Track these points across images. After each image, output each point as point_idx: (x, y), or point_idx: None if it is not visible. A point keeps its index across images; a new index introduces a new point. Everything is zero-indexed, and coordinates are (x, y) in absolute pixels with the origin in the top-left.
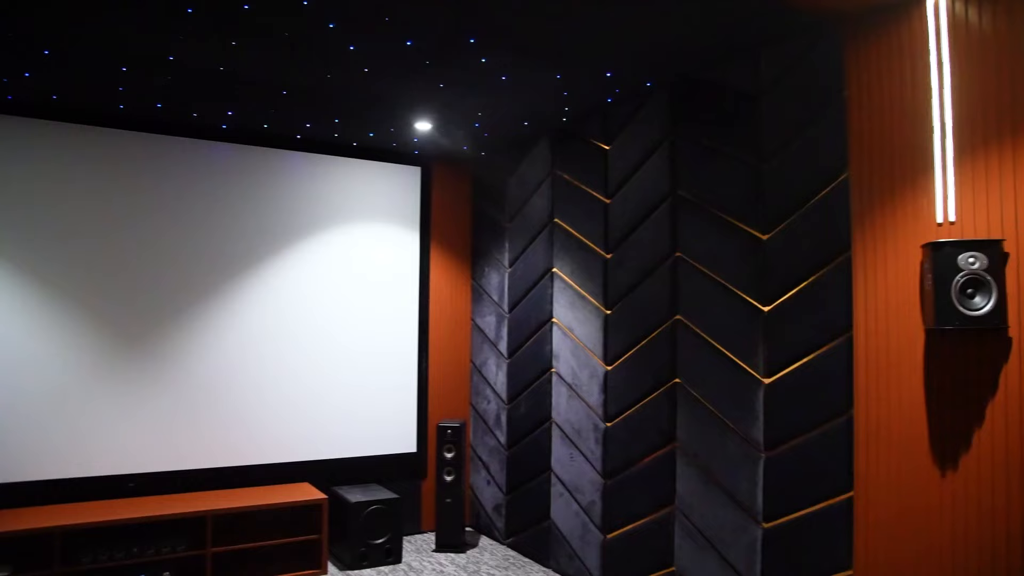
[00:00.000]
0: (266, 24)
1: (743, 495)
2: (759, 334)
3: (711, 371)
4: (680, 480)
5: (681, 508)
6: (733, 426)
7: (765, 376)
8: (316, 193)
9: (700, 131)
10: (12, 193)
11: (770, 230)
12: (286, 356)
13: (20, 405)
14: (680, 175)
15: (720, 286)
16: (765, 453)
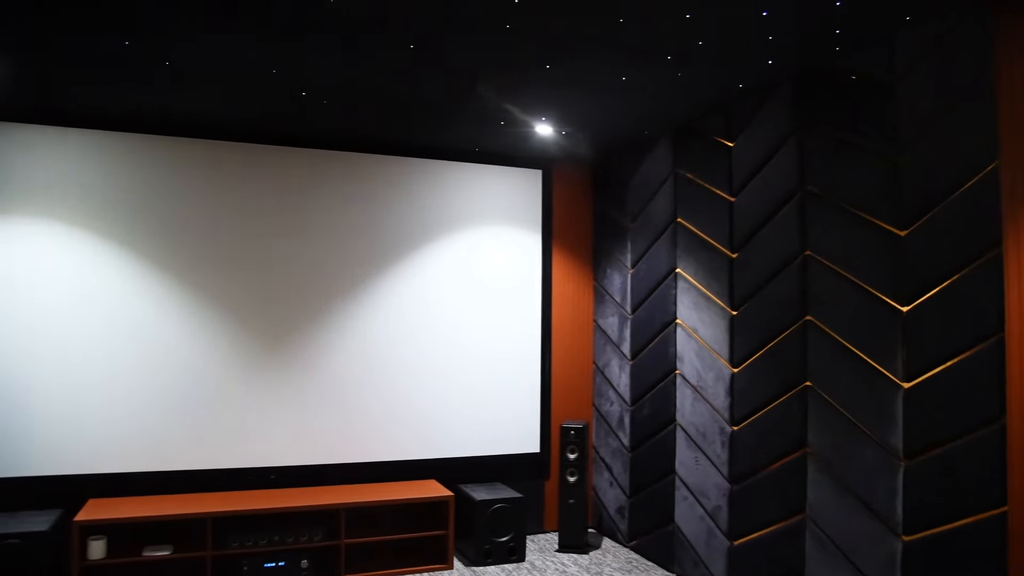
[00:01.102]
0: (389, 36)
1: (880, 505)
2: (897, 335)
3: (845, 374)
4: (811, 487)
5: (812, 516)
6: (869, 432)
7: (904, 380)
8: (439, 199)
9: (830, 123)
10: (167, 207)
11: (909, 225)
12: (413, 357)
13: (180, 403)
14: (809, 170)
15: (854, 285)
16: (905, 462)
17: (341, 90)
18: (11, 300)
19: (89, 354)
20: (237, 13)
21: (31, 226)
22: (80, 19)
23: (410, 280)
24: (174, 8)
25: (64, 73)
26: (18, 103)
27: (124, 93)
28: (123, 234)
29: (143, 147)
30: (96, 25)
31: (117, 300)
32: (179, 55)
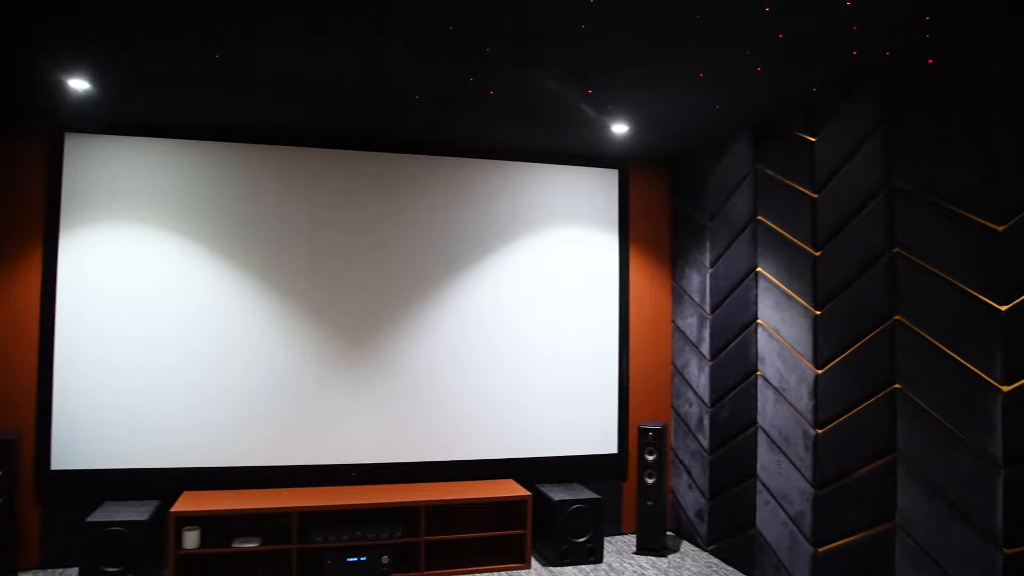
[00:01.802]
0: (465, 40)
1: (978, 515)
2: (995, 336)
3: (937, 376)
4: (902, 494)
5: (903, 524)
6: (964, 438)
7: (1003, 383)
8: (515, 200)
9: (919, 115)
10: (253, 213)
11: (1007, 220)
12: (491, 357)
13: (268, 403)
14: (897, 164)
15: (947, 283)
16: (1005, 469)
17: (415, 94)
18: (110, 304)
19: (184, 356)
20: (314, 26)
21: (124, 232)
22: (165, 35)
23: (487, 281)
24: (254, 21)
25: (147, 87)
26: (104, 116)
27: (207, 103)
28: (215, 240)
29: (228, 154)
30: (180, 41)
31: (209, 304)
32: (259, 67)
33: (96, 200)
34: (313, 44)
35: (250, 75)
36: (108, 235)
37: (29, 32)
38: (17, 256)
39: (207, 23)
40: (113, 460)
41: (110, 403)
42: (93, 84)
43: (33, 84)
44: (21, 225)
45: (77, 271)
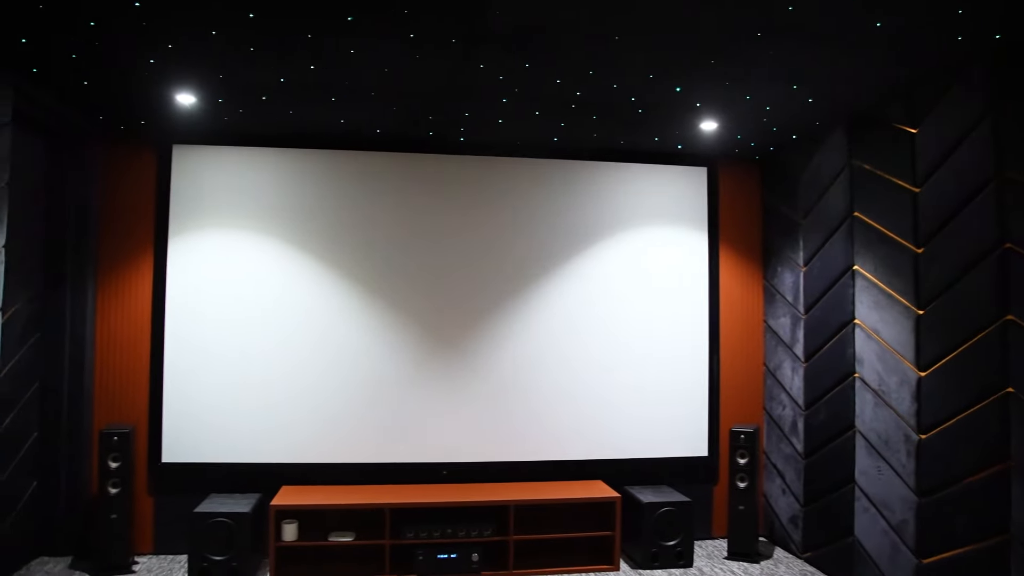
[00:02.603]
0: (551, 43)
1: None
2: None
3: None
4: (1017, 505)
5: (1020, 537)
6: None
7: None
8: (603, 200)
9: None
10: (360, 217)
11: None
12: (580, 358)
13: (362, 402)
14: (1007, 155)
15: None
16: None
17: (505, 97)
18: (214, 306)
19: (284, 357)
20: (403, 34)
21: (227, 238)
22: (265, 50)
23: (576, 282)
24: (347, 33)
25: (248, 99)
26: (208, 128)
27: (302, 112)
28: (314, 244)
29: (324, 161)
30: (279, 55)
31: (307, 306)
32: (352, 75)
33: (201, 207)
34: (402, 52)
35: (343, 84)
36: (212, 240)
37: (142, 53)
38: (132, 261)
39: (304, 37)
40: (218, 454)
41: (214, 400)
42: (199, 98)
43: (146, 101)
44: (135, 232)
45: (184, 275)
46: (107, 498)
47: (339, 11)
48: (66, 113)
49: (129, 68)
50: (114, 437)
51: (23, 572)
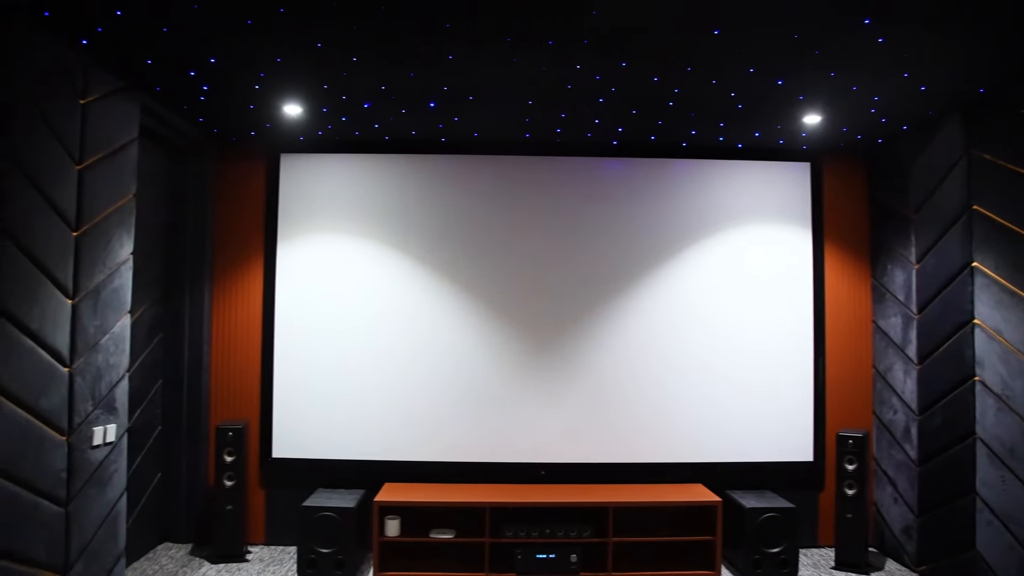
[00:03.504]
0: (652, 41)
1: None
2: None
3: None
4: None
5: None
6: None
7: None
8: (703, 198)
9: None
10: (458, 220)
11: None
12: (681, 360)
13: (463, 402)
14: None
15: None
16: None
17: (602, 97)
18: (320, 308)
19: (386, 357)
20: (502, 38)
21: (332, 242)
22: (368, 60)
23: (676, 281)
24: (446, 39)
25: (352, 107)
26: (314, 136)
27: (403, 118)
28: (415, 247)
29: (422, 165)
30: (380, 65)
31: (408, 308)
32: (451, 81)
33: (307, 213)
34: (500, 56)
35: (442, 89)
36: (318, 245)
37: (254, 68)
38: (244, 264)
39: (405, 45)
40: (324, 451)
41: (321, 399)
42: (305, 108)
43: (256, 113)
44: (247, 238)
45: (292, 279)
46: (223, 490)
47: (438, 18)
48: (184, 127)
49: (242, 83)
50: (229, 433)
51: (150, 556)
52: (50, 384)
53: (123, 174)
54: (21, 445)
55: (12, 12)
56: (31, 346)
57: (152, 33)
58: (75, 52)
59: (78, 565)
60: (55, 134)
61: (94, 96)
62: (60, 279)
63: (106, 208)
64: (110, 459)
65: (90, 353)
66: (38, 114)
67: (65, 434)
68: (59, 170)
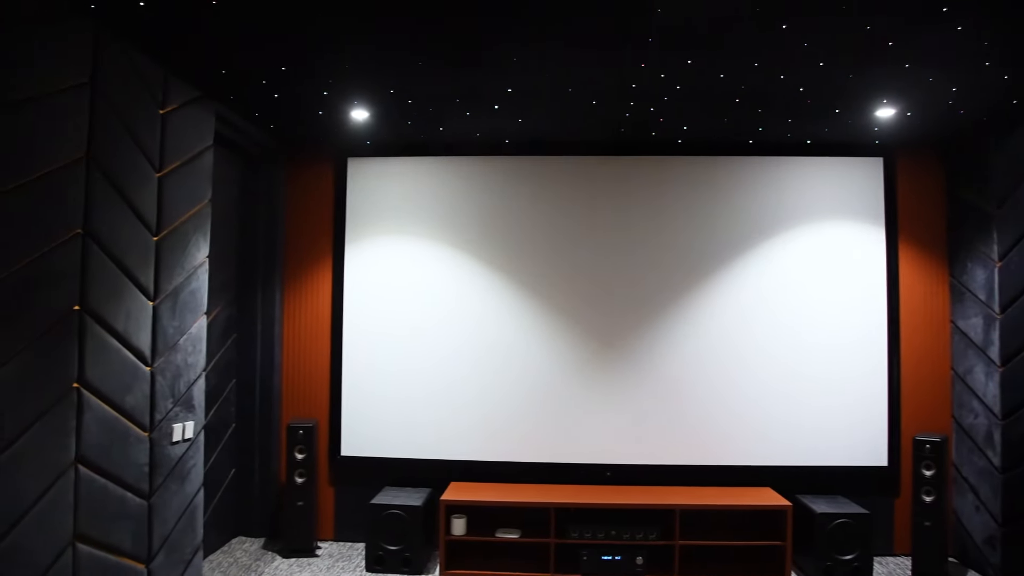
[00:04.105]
0: (718, 37)
1: None
2: None
3: None
4: None
5: None
6: None
7: None
8: (771, 195)
9: None
10: (522, 221)
11: None
12: (747, 360)
13: (528, 402)
14: None
15: None
16: None
17: (666, 95)
18: (387, 309)
19: (452, 358)
20: (568, 39)
21: (397, 244)
22: (432, 65)
23: (743, 282)
24: (513, 43)
25: (416, 112)
26: (379, 140)
27: (466, 121)
28: (478, 248)
29: (486, 167)
30: (444, 70)
31: (472, 309)
32: (515, 83)
33: (373, 216)
34: (565, 56)
35: (507, 91)
36: (385, 246)
37: (323, 74)
38: (313, 267)
39: (470, 47)
40: (391, 450)
41: (388, 399)
42: (371, 113)
43: (324, 118)
44: (316, 241)
45: (360, 280)
46: (294, 487)
47: (503, 20)
48: (256, 134)
49: (311, 90)
50: (300, 431)
51: (225, 549)
52: (134, 383)
53: (199, 180)
54: (108, 440)
55: (100, 29)
56: (117, 346)
57: (226, 44)
58: (156, 64)
59: (160, 556)
60: (137, 143)
61: (172, 106)
62: (142, 282)
63: (184, 214)
64: (188, 455)
65: (170, 353)
66: (122, 125)
67: (147, 430)
68: (141, 178)
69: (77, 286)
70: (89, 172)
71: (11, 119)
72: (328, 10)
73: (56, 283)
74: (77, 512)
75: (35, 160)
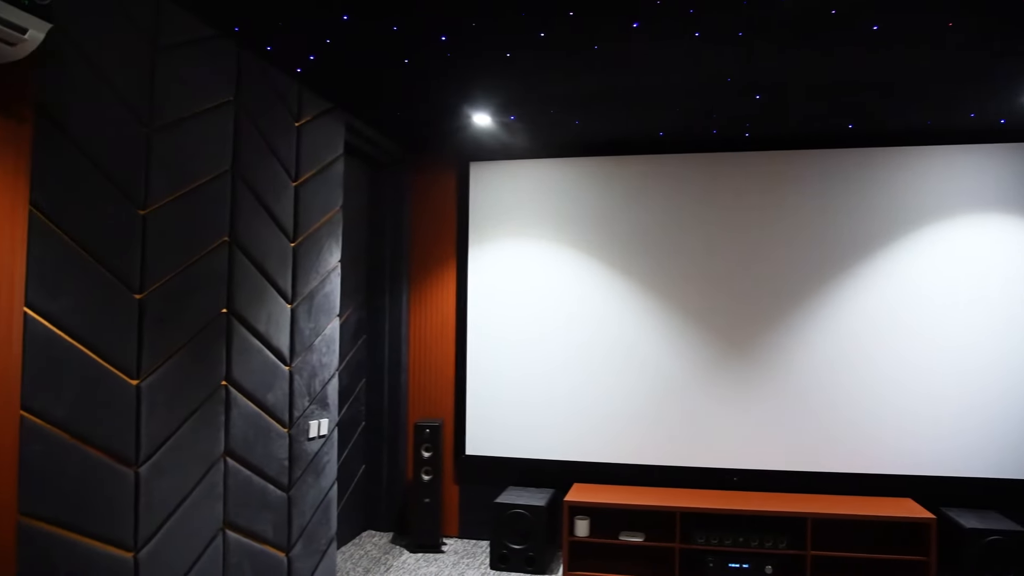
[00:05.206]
0: (847, 23)
1: None
2: None
3: None
4: None
5: None
6: None
7: None
8: (908, 188)
9: None
10: (645, 221)
11: None
12: (883, 362)
13: (651, 404)
14: None
15: None
16: None
17: (795, 87)
18: (509, 311)
19: (575, 359)
20: (690, 34)
21: (518, 246)
22: (551, 67)
23: (881, 279)
24: (637, 40)
25: (535, 114)
26: (498, 144)
27: (586, 121)
28: (600, 249)
29: (607, 167)
30: (562, 71)
31: (596, 311)
32: (636, 81)
33: (496, 219)
34: (687, 51)
35: (627, 90)
36: (507, 249)
37: (446, 81)
38: (438, 270)
39: (591, 48)
40: (514, 450)
41: (511, 399)
42: (493, 118)
43: (447, 124)
44: (440, 244)
45: (483, 282)
46: (421, 484)
47: (624, 18)
48: (382, 142)
49: (435, 97)
50: (426, 430)
51: (356, 542)
52: (274, 381)
53: (331, 188)
54: (253, 435)
55: (241, 49)
56: (259, 347)
57: (355, 56)
58: (291, 79)
59: (298, 545)
60: (276, 155)
61: (307, 118)
62: (281, 286)
63: (318, 220)
64: (323, 450)
65: (306, 353)
66: (261, 138)
67: (287, 426)
68: (279, 187)
69: (225, 290)
70: (234, 183)
71: (168, 138)
72: (453, 19)
73: (208, 287)
74: (226, 501)
75: (189, 174)
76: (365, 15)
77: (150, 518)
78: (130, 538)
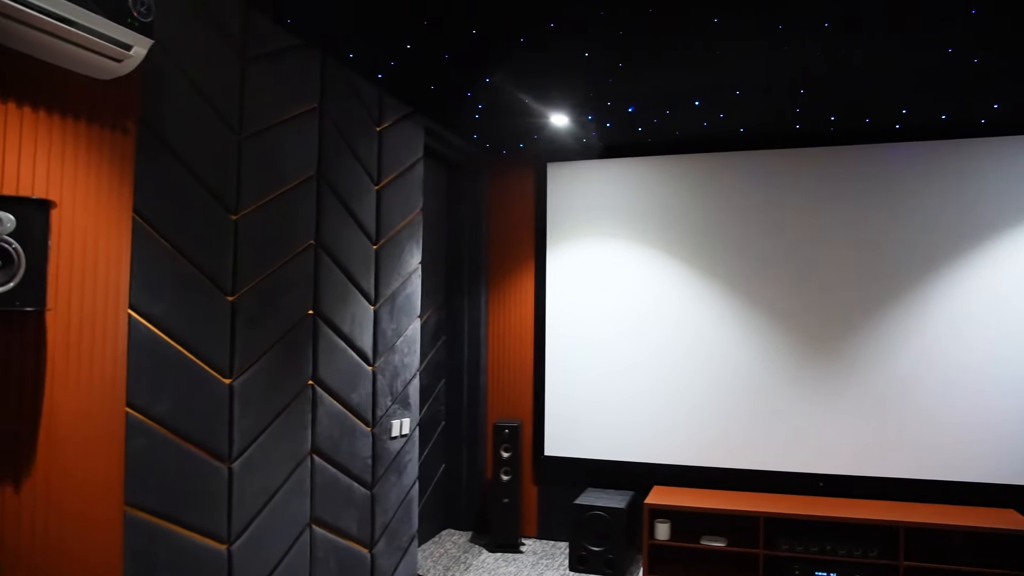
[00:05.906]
0: (939, 11)
1: None
2: None
3: None
4: None
5: None
6: None
7: None
8: (1007, 182)
9: None
10: (728, 220)
11: None
12: (988, 363)
13: (734, 407)
14: None
15: None
16: None
17: (883, 77)
18: (588, 312)
19: (657, 360)
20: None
21: (596, 246)
22: (633, 64)
23: (977, 279)
24: (716, 36)
25: (611, 114)
26: (575, 144)
27: (663, 120)
28: (682, 249)
29: (686, 165)
30: (639, 70)
31: (678, 312)
32: (718, 78)
33: (573, 219)
34: (770, 46)
35: (707, 86)
36: (585, 249)
37: (523, 83)
38: (516, 271)
39: (669, 46)
40: (593, 451)
41: (590, 399)
42: (570, 118)
43: (524, 126)
44: (519, 245)
45: (562, 283)
46: (500, 484)
47: (704, 15)
48: (461, 144)
49: (512, 98)
50: (505, 430)
51: (436, 540)
52: (358, 381)
53: (412, 191)
54: (338, 434)
55: (326, 57)
56: (343, 347)
57: (434, 61)
58: (372, 85)
59: (381, 542)
60: (358, 159)
61: (388, 123)
62: (364, 287)
63: (399, 223)
64: (405, 449)
65: (388, 354)
66: (345, 143)
67: (370, 425)
68: (362, 190)
69: (311, 291)
70: (319, 187)
71: (257, 144)
72: (531, 21)
73: (295, 289)
74: (313, 497)
75: (277, 179)
76: (443, 20)
77: (242, 512)
78: (224, 531)
